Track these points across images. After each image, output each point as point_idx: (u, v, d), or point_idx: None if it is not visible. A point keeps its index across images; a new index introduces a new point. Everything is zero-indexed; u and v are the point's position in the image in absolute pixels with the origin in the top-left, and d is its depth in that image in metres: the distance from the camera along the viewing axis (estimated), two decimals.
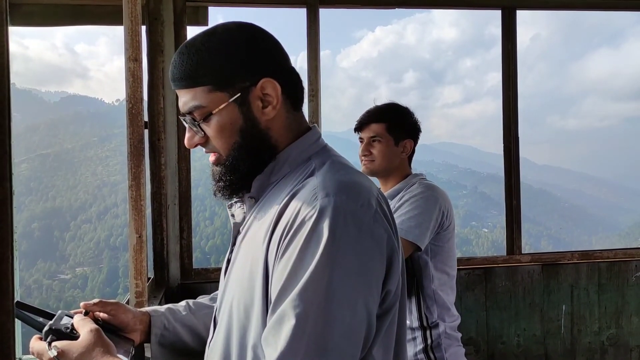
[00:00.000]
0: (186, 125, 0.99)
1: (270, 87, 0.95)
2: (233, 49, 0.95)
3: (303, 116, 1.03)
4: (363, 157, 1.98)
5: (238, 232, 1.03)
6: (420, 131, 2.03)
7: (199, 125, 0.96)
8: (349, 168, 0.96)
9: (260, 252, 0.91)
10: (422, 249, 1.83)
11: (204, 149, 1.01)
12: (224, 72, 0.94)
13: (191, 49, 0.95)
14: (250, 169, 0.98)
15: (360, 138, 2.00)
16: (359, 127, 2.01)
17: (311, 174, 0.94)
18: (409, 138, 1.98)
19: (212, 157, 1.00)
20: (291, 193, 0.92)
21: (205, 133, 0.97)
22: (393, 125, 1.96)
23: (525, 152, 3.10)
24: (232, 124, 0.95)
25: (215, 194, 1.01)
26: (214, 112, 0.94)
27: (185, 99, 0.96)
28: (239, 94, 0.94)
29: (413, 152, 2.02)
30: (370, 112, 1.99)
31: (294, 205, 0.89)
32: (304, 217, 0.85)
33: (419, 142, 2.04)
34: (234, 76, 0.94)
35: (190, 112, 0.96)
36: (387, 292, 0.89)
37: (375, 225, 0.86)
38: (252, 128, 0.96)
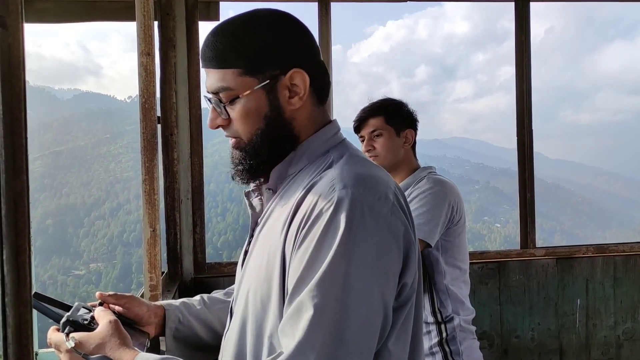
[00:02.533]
0: (210, 106, 0.99)
1: (299, 78, 0.95)
2: (268, 36, 0.95)
3: (326, 111, 1.03)
4: (367, 154, 1.96)
5: (256, 224, 1.04)
6: (418, 121, 2.02)
7: (224, 107, 0.96)
8: (366, 161, 0.97)
9: (277, 243, 0.91)
10: (432, 245, 1.82)
11: (224, 132, 1.01)
12: (256, 57, 0.94)
13: (226, 30, 0.95)
14: (270, 156, 0.98)
15: (361, 137, 2.00)
16: (358, 126, 2.01)
17: (329, 167, 0.94)
18: (408, 128, 1.98)
19: (232, 141, 1.00)
20: (309, 185, 0.92)
21: (229, 116, 0.97)
22: (391, 116, 1.96)
23: (538, 146, 3.08)
24: (257, 110, 0.95)
25: (233, 178, 1.01)
26: (241, 95, 0.94)
27: (214, 79, 0.96)
28: (268, 81, 0.94)
29: (415, 142, 2.02)
30: (366, 108, 2.00)
31: (311, 197, 0.89)
32: (322, 209, 0.85)
33: (431, 136, 2.03)
34: (265, 63, 0.94)
35: (216, 93, 0.96)
36: (403, 285, 0.89)
37: (393, 218, 0.87)
38: (276, 116, 0.96)
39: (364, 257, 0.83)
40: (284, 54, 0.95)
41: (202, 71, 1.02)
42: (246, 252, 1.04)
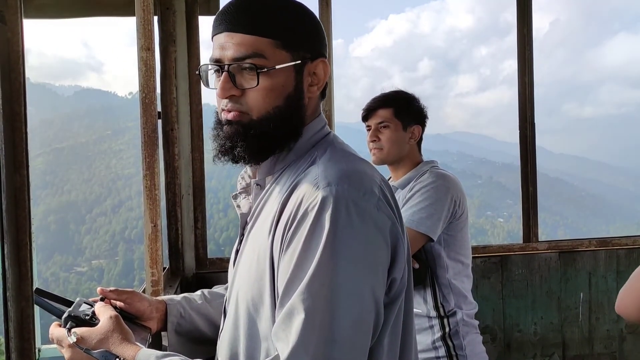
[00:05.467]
0: (223, 73, 0.92)
1: (322, 69, 0.96)
2: (306, 18, 0.95)
3: (322, 115, 1.03)
4: (371, 143, 1.96)
5: (246, 223, 1.03)
6: (427, 117, 2.02)
7: (257, 73, 0.90)
8: (351, 156, 0.95)
9: (266, 245, 0.91)
10: (435, 240, 1.82)
11: (228, 104, 0.94)
12: (295, 34, 0.92)
13: None
14: (284, 140, 0.94)
15: (368, 126, 1.99)
16: (366, 115, 2.00)
17: (312, 163, 0.93)
18: (416, 123, 1.97)
19: (233, 115, 0.93)
20: (294, 183, 0.91)
21: (247, 86, 0.91)
22: (400, 109, 1.95)
23: (541, 140, 3.06)
24: (283, 87, 0.92)
25: (218, 156, 0.96)
26: (277, 67, 0.90)
27: (243, 45, 0.90)
28: (299, 61, 0.93)
29: (421, 139, 2.01)
30: (377, 98, 1.99)
31: (296, 196, 0.88)
32: (307, 208, 0.84)
33: (433, 131, 2.03)
34: (302, 42, 0.93)
35: (242, 59, 0.90)
36: (392, 280, 0.89)
37: (379, 214, 0.86)
38: (297, 99, 0.94)
39: (352, 255, 0.82)
40: (316, 41, 0.95)
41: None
42: (237, 252, 1.04)
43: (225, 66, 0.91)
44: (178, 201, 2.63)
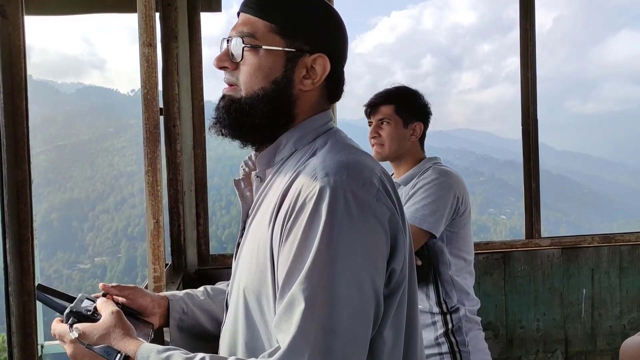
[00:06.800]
0: (224, 46, 0.98)
1: (320, 64, 0.96)
2: (316, 13, 0.96)
3: (330, 111, 1.03)
4: (372, 139, 1.97)
5: (247, 216, 1.03)
6: (431, 114, 2.01)
7: (242, 48, 0.95)
8: (352, 148, 0.95)
9: (266, 236, 0.91)
10: (437, 236, 1.81)
11: (225, 75, 0.99)
12: (295, 23, 0.95)
13: None
14: (261, 122, 0.96)
15: (370, 122, 1.99)
16: (369, 111, 1.99)
17: (313, 154, 0.94)
18: (418, 120, 1.96)
19: (227, 88, 0.99)
20: (294, 175, 0.91)
21: (237, 59, 0.96)
22: (402, 106, 1.94)
23: (543, 137, 3.06)
24: (270, 69, 0.95)
25: (210, 128, 1.00)
26: (263, 46, 0.94)
27: (245, 23, 0.96)
28: (294, 50, 0.94)
29: (424, 135, 2.00)
30: (379, 94, 1.99)
31: (295, 187, 0.88)
32: (305, 199, 0.84)
33: (436, 128, 2.02)
34: (300, 33, 0.95)
35: (241, 36, 0.95)
36: (392, 271, 0.88)
37: (378, 204, 0.86)
38: (284, 87, 0.95)
39: (350, 245, 0.82)
40: (320, 36, 0.96)
41: (205, 65, 1.01)
42: (239, 245, 1.04)
43: (226, 41, 0.98)
44: (180, 198, 2.63)
